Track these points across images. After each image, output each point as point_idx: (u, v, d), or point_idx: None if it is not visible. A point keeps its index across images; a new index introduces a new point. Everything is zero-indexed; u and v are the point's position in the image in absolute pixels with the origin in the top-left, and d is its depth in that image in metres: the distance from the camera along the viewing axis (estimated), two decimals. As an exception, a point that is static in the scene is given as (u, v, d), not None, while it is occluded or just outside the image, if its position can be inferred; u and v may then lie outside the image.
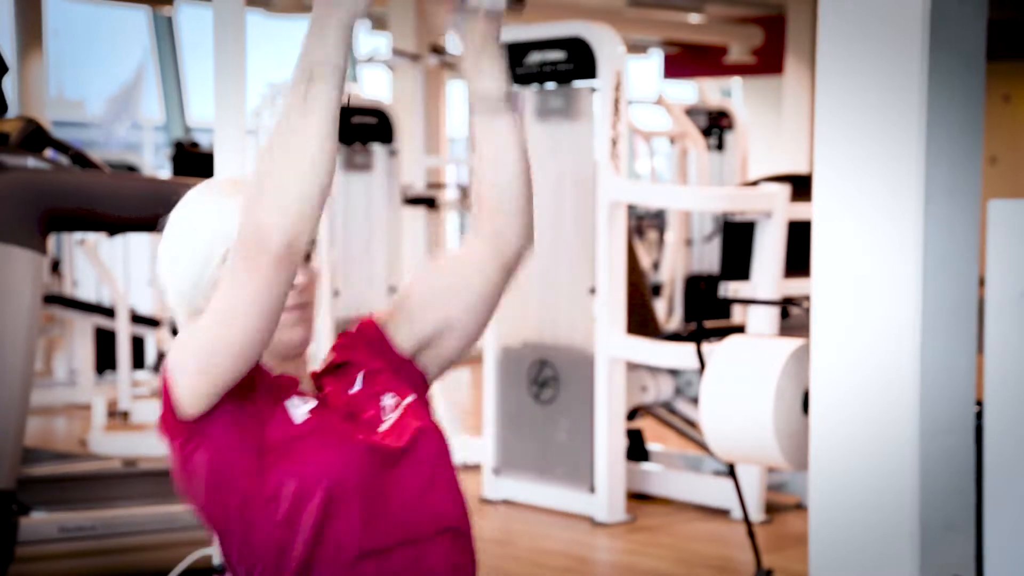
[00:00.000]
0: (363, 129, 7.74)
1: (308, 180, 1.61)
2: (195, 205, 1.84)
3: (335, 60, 1.65)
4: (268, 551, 1.76)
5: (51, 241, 8.30)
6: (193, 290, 1.81)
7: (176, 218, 1.85)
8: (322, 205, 1.64)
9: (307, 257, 1.83)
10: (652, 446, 6.52)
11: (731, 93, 15.17)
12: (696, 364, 5.06)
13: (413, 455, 1.83)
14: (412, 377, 1.94)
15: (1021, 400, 1.05)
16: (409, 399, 1.88)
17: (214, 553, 3.40)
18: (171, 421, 1.76)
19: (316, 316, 1.88)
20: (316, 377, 1.92)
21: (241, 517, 1.77)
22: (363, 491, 1.76)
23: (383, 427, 1.84)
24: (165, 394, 1.76)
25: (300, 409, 1.80)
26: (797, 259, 5.35)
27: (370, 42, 13.90)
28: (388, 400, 1.87)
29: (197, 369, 1.70)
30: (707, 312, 6.89)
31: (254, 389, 1.78)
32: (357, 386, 1.89)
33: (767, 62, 13.48)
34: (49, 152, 4.99)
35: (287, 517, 1.75)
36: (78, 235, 8.93)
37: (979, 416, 3.25)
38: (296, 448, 1.77)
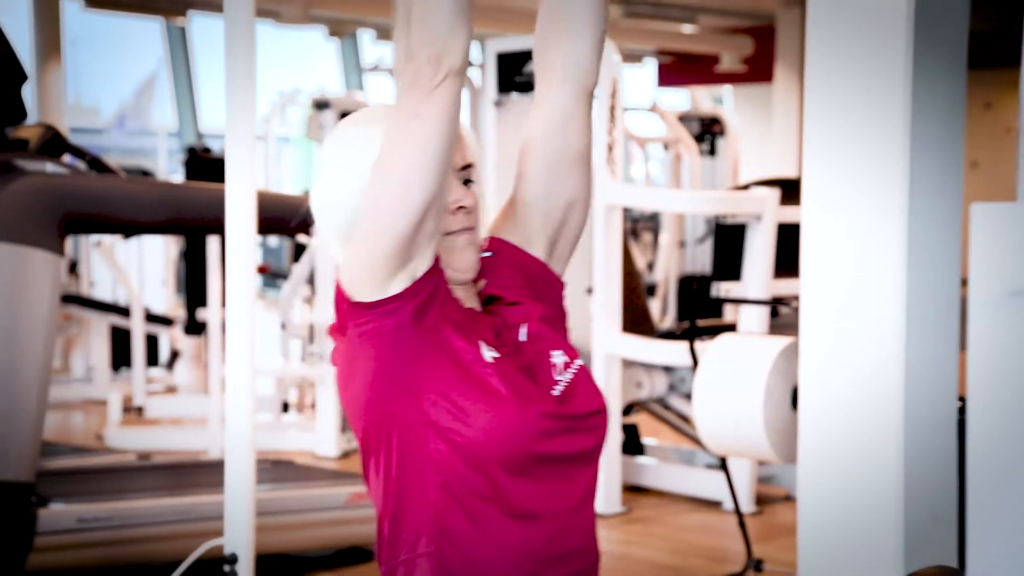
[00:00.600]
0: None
1: None
2: (345, 137, 1.74)
3: None
4: (412, 482, 1.67)
5: (68, 243, 8.31)
6: (349, 218, 1.69)
7: (327, 151, 1.75)
8: (465, 17, 1.56)
9: (467, 181, 1.73)
10: (647, 440, 6.52)
11: (723, 101, 15.16)
12: (689, 361, 5.06)
13: (584, 430, 1.73)
14: (557, 306, 1.84)
15: (1003, 396, 1.05)
16: (578, 363, 1.78)
17: (226, 543, 3.40)
18: (344, 311, 1.66)
19: (481, 240, 1.77)
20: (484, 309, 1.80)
21: (394, 434, 1.67)
22: (533, 455, 1.67)
23: (556, 390, 1.73)
24: (338, 295, 1.66)
25: (490, 353, 1.70)
26: (786, 260, 5.35)
27: (375, 51, 13.91)
28: (558, 358, 1.77)
29: (367, 235, 1.60)
30: (700, 311, 6.89)
31: (436, 300, 1.66)
32: (523, 336, 1.77)
33: (757, 71, 13.47)
34: (67, 157, 4.99)
35: (450, 456, 1.65)
36: (94, 237, 8.93)
37: (962, 411, 3.25)
38: (481, 391, 1.66)
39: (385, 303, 1.63)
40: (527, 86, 6.00)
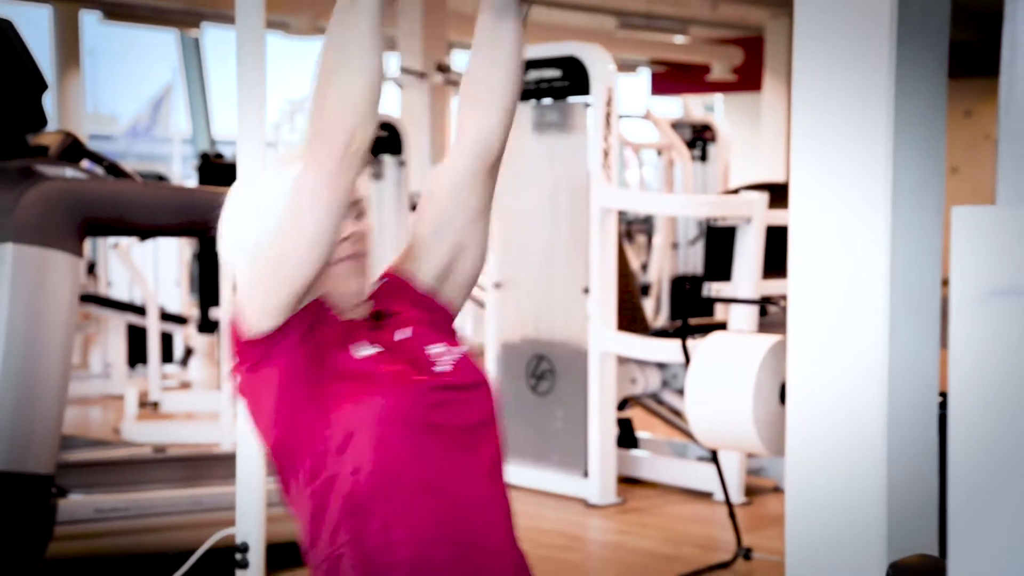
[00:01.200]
0: (374, 142, 7.73)
1: (362, 72, 1.62)
2: (262, 178, 1.85)
3: None
4: (323, 480, 1.73)
5: (87, 245, 8.30)
6: (259, 245, 1.77)
7: (244, 189, 1.86)
8: (375, 102, 1.65)
9: (360, 213, 1.82)
10: (641, 434, 6.52)
11: (714, 108, 15.16)
12: (682, 358, 5.06)
13: (467, 401, 1.80)
14: (441, 315, 1.91)
15: (983, 390, 1.04)
16: (461, 349, 1.85)
17: (237, 532, 3.40)
18: (242, 350, 1.75)
19: (370, 269, 1.85)
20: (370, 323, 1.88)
21: (302, 444, 1.74)
22: (419, 426, 1.73)
23: (439, 368, 1.80)
24: (234, 331, 1.75)
25: (365, 351, 1.78)
26: (774, 261, 5.35)
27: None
28: (438, 348, 1.84)
29: (270, 278, 1.69)
30: (692, 310, 6.88)
31: (321, 322, 1.76)
32: (403, 335, 1.85)
33: (747, 80, 13.48)
34: (85, 163, 4.98)
35: (344, 446, 1.72)
36: (112, 239, 8.93)
37: (943, 406, 3.25)
38: (360, 382, 1.74)
39: (281, 330, 1.73)
40: (525, 94, 6.00)
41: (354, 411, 1.72)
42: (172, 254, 9.91)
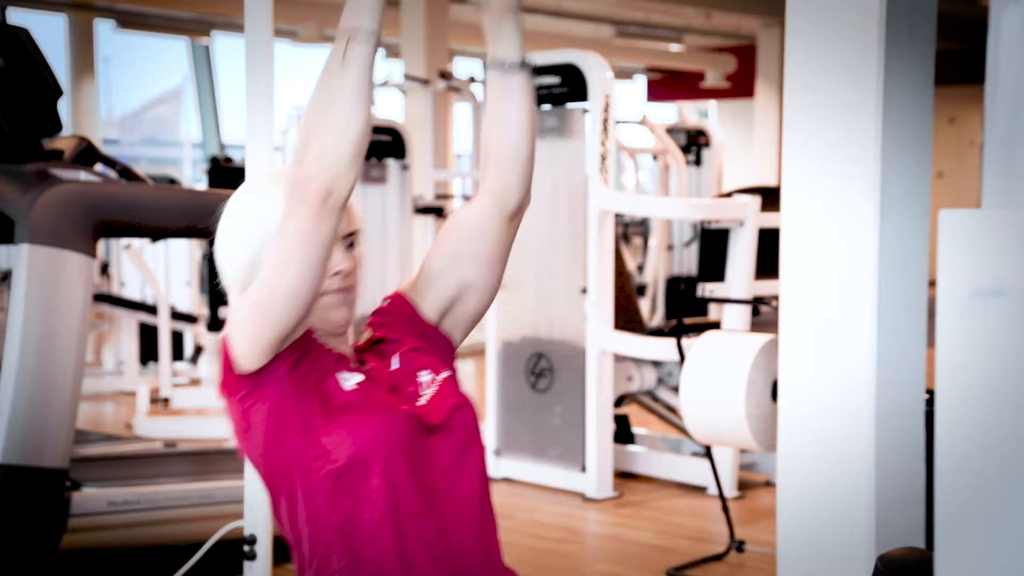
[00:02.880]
0: (378, 146, 7.74)
1: (344, 132, 1.61)
2: (248, 194, 1.84)
3: (370, 26, 1.64)
4: (315, 507, 1.73)
5: (100, 246, 8.30)
6: (247, 268, 1.78)
7: (231, 207, 1.84)
8: (358, 157, 1.63)
9: (351, 245, 1.81)
10: (637, 430, 6.52)
11: (708, 114, 15.16)
12: (676, 356, 5.06)
13: (448, 429, 1.80)
14: (440, 345, 1.91)
15: (969, 388, 1.04)
16: (444, 374, 1.85)
17: (246, 525, 3.40)
18: (231, 380, 1.74)
19: (359, 298, 1.85)
20: (359, 351, 1.88)
21: (292, 471, 1.74)
22: (407, 455, 1.73)
23: (421, 401, 1.80)
24: (225, 357, 1.74)
25: (349, 381, 1.78)
26: (767, 262, 5.35)
27: (384, 68, 13.90)
28: (425, 377, 1.84)
29: (254, 321, 1.68)
30: (686, 310, 6.88)
31: (308, 355, 1.76)
32: (395, 364, 1.85)
33: (740, 87, 13.48)
34: (99, 167, 4.98)
35: (336, 475, 1.72)
36: (124, 240, 8.93)
37: (930, 403, 3.25)
38: (346, 413, 1.74)
39: (270, 365, 1.73)
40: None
41: (343, 440, 1.72)
42: (183, 255, 9.91)
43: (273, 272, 1.66)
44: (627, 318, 6.19)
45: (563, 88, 5.84)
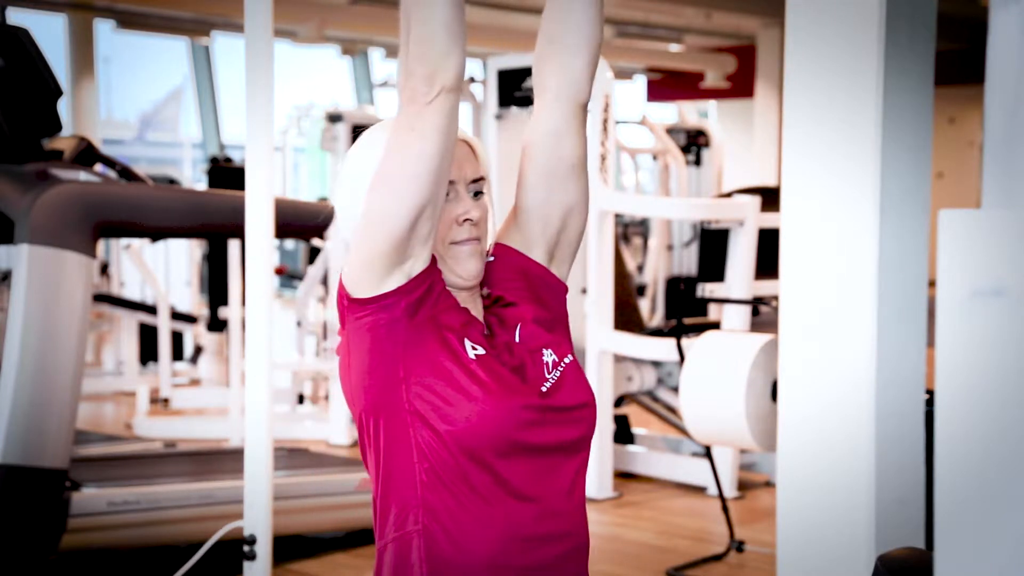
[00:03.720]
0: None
1: (432, 17, 1.55)
2: (360, 147, 1.76)
3: None
4: (398, 464, 1.66)
5: (100, 246, 8.30)
6: (361, 182, 1.70)
7: (347, 159, 1.77)
8: (455, 40, 1.57)
9: (478, 193, 1.74)
10: (637, 430, 6.52)
11: (707, 114, 15.16)
12: (676, 356, 5.06)
13: (568, 421, 1.72)
14: (556, 303, 1.83)
15: (969, 388, 1.05)
16: (568, 359, 1.77)
17: (245, 525, 3.40)
18: (346, 304, 1.66)
19: (487, 247, 1.77)
20: (485, 309, 1.79)
21: (383, 408, 1.66)
22: (507, 443, 1.66)
23: (545, 386, 1.72)
24: (340, 293, 1.67)
25: (477, 349, 1.69)
26: (767, 263, 5.35)
27: (385, 68, 13.91)
28: (548, 357, 1.76)
29: (367, 235, 1.61)
30: (686, 310, 6.88)
31: (434, 300, 1.67)
32: (516, 337, 1.76)
33: (739, 87, 13.48)
34: (99, 167, 4.98)
35: (427, 443, 1.64)
36: (124, 241, 8.93)
37: (929, 403, 3.25)
38: (468, 384, 1.65)
39: (381, 299, 1.64)
40: (526, 100, 6.00)
41: (444, 410, 1.65)
42: (183, 255, 9.91)
43: (382, 173, 1.59)
44: (627, 318, 6.19)
45: (563, 88, 5.84)
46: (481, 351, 1.70)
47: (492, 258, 1.81)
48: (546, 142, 1.81)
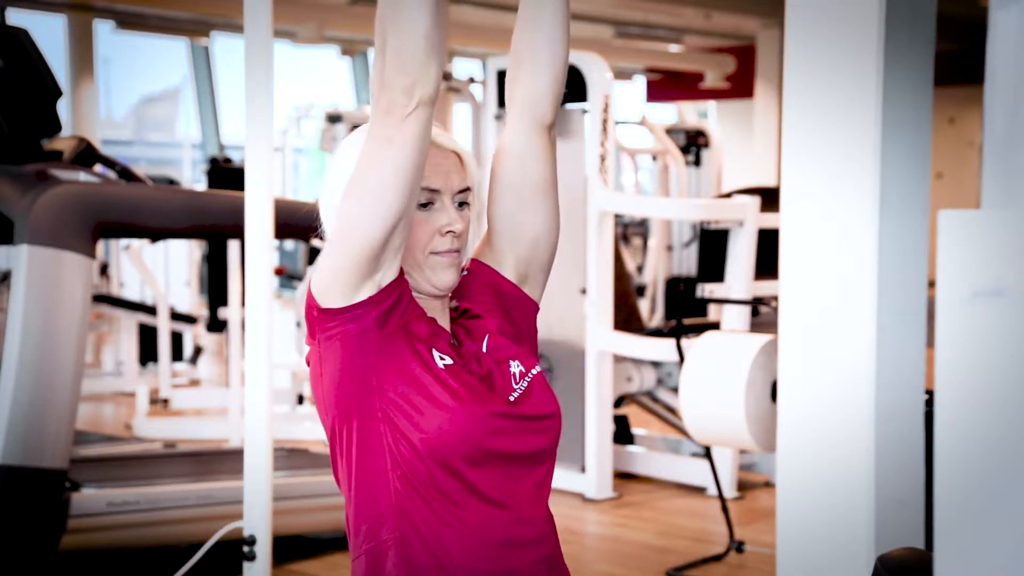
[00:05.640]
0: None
1: (412, 28, 1.53)
2: (343, 151, 1.76)
3: None
4: (372, 473, 1.66)
5: (100, 246, 8.31)
6: (335, 189, 1.71)
7: (332, 162, 1.77)
8: (435, 52, 1.55)
9: (463, 204, 1.74)
10: (636, 430, 6.52)
11: (707, 115, 15.16)
12: (676, 357, 5.06)
13: (536, 430, 1.73)
14: (525, 319, 1.83)
15: (969, 388, 1.05)
16: (535, 370, 1.78)
17: (245, 525, 3.40)
18: (316, 314, 1.65)
19: (464, 261, 1.77)
20: (452, 321, 1.80)
21: (355, 417, 1.65)
22: (475, 451, 1.66)
23: (513, 396, 1.73)
24: (308, 303, 1.67)
25: (445, 359, 1.69)
26: (766, 263, 5.35)
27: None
28: (515, 368, 1.76)
29: (337, 246, 1.60)
30: (686, 310, 6.88)
31: (403, 310, 1.67)
32: (484, 348, 1.76)
33: (739, 87, 13.47)
34: (99, 167, 4.98)
35: (409, 453, 1.64)
36: (124, 241, 8.93)
37: (929, 404, 3.25)
38: (436, 393, 1.65)
39: (351, 309, 1.63)
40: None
41: (415, 418, 1.64)
42: (182, 255, 9.91)
43: (357, 183, 1.58)
44: (626, 319, 6.19)
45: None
46: (449, 361, 1.70)
47: (466, 272, 1.82)
48: (511, 159, 1.82)
